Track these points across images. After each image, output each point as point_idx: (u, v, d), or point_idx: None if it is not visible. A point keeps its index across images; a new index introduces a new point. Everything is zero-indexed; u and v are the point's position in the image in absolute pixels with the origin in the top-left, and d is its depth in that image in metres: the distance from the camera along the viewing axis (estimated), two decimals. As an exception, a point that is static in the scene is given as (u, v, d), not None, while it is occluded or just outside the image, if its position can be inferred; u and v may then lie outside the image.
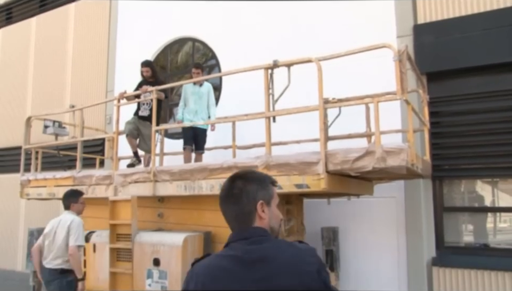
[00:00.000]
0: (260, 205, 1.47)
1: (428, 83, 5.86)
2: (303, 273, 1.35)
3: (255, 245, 1.40)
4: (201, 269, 1.42)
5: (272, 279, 1.33)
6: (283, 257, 1.37)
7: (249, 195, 1.47)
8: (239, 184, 1.48)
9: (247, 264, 1.36)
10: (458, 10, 5.85)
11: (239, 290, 1.32)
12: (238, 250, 1.40)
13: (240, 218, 1.47)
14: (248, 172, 1.55)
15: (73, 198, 4.90)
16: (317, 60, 4.29)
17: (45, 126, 7.70)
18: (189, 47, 8.44)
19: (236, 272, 1.35)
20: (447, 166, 5.91)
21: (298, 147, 5.62)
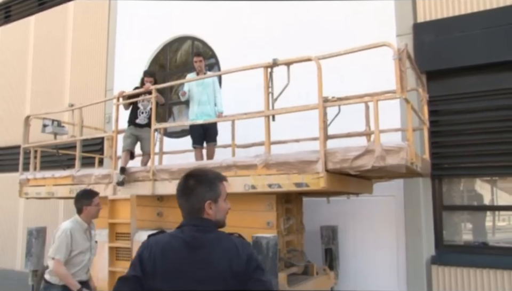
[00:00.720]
0: (207, 204, 1.77)
1: (428, 82, 5.85)
2: (233, 261, 1.66)
3: (201, 233, 1.71)
4: (157, 244, 1.70)
5: (209, 263, 1.65)
6: (221, 247, 1.69)
7: (199, 196, 1.76)
8: (191, 184, 1.77)
9: (192, 247, 1.67)
10: (458, 9, 5.85)
11: (183, 268, 1.64)
12: (187, 234, 1.71)
13: (191, 211, 1.76)
14: (200, 172, 1.83)
15: (86, 200, 4.09)
16: (316, 59, 4.29)
17: (44, 125, 7.68)
18: (188, 45, 8.43)
19: (182, 252, 1.67)
20: (447, 164, 5.90)
21: (298, 146, 5.61)
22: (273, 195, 4.69)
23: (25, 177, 6.93)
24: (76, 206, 4.09)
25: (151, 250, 1.68)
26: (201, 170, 1.86)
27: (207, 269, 1.64)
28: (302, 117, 4.79)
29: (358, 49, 4.21)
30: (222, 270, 1.65)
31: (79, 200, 4.09)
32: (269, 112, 4.56)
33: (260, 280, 1.69)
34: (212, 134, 6.08)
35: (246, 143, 6.08)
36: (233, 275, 1.65)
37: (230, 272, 1.65)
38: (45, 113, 7.86)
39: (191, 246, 1.67)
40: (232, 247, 1.71)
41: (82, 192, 4.24)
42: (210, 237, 1.71)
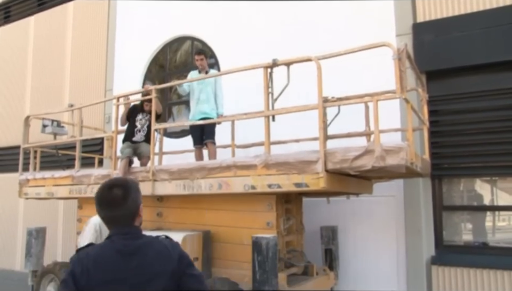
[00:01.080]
0: (141, 207, 1.84)
1: (427, 81, 5.85)
2: (166, 261, 1.75)
3: (132, 240, 1.75)
4: (87, 256, 1.71)
5: (145, 267, 1.71)
6: (153, 250, 1.75)
7: (134, 202, 1.80)
8: (120, 193, 1.78)
9: (125, 255, 1.71)
10: (458, 9, 5.84)
11: (119, 275, 1.67)
12: (118, 243, 1.73)
13: (123, 220, 1.78)
14: (121, 181, 1.85)
15: None
16: (316, 59, 4.28)
17: (44, 125, 7.68)
18: (188, 45, 8.42)
19: (115, 260, 1.69)
20: (446, 164, 5.90)
21: (298, 146, 5.61)
22: (273, 195, 4.69)
23: (25, 178, 6.93)
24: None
25: (82, 264, 1.68)
26: (119, 179, 1.90)
27: (143, 273, 1.70)
28: (302, 117, 4.79)
29: (357, 49, 4.21)
30: (157, 272, 1.72)
31: None
32: (268, 112, 4.55)
33: (193, 275, 1.81)
34: (207, 132, 5.93)
35: (246, 143, 6.07)
36: (169, 275, 1.74)
37: (166, 272, 1.73)
38: (44, 113, 7.86)
39: (124, 253, 1.71)
40: (164, 248, 1.79)
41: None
42: (141, 243, 1.76)
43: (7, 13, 11.82)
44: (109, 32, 9.28)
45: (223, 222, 5.04)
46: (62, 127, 7.90)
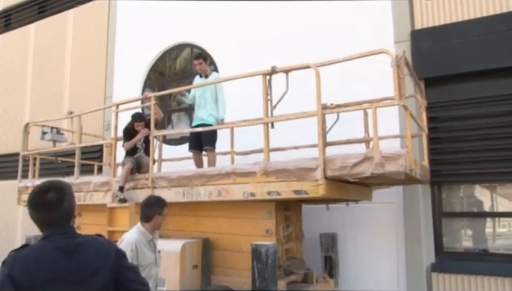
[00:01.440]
0: (76, 209, 1.93)
1: (426, 88, 5.87)
2: (105, 257, 1.87)
3: (72, 239, 1.84)
4: (27, 257, 1.74)
5: (87, 263, 1.81)
6: (93, 247, 1.87)
7: (69, 202, 1.87)
8: (55, 196, 1.83)
9: (67, 253, 1.78)
10: (455, 16, 5.88)
11: (62, 273, 1.74)
12: (58, 242, 1.79)
13: (61, 220, 1.84)
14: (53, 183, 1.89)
15: (158, 208, 3.58)
16: (315, 66, 4.30)
17: (43, 132, 7.70)
18: (187, 53, 8.45)
19: (57, 259, 1.76)
20: (446, 171, 5.90)
21: (297, 153, 5.61)
22: (272, 202, 4.68)
23: (24, 185, 6.91)
24: (146, 213, 3.55)
25: (22, 265, 1.71)
26: (53, 182, 1.91)
27: (85, 269, 1.80)
28: (301, 124, 4.79)
29: (356, 56, 4.23)
30: (98, 267, 1.84)
31: (151, 207, 3.57)
32: (267, 119, 4.56)
33: (129, 267, 1.99)
34: (204, 138, 5.80)
35: (245, 150, 6.07)
36: (109, 270, 1.86)
37: (106, 267, 1.86)
38: (44, 120, 7.87)
39: (66, 252, 1.78)
40: (102, 246, 1.91)
41: (155, 199, 3.69)
42: (81, 241, 1.86)
43: (8, 20, 11.87)
44: (109, 40, 9.31)
45: (223, 229, 5.03)
46: (61, 134, 7.91)
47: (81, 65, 9.72)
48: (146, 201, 3.66)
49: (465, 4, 5.82)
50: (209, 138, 5.78)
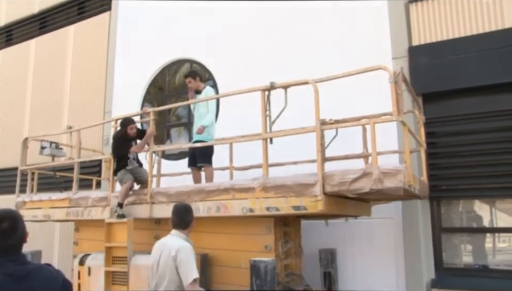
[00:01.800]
0: (26, 236, 2.03)
1: (424, 104, 5.92)
2: (53, 284, 2.02)
3: (23, 265, 1.96)
4: None
5: (35, 289, 1.93)
6: (42, 275, 2.00)
7: (22, 230, 2.00)
8: (8, 225, 1.94)
9: (16, 279, 1.89)
10: (452, 33, 5.95)
11: None
12: (8, 268, 1.89)
13: (13, 247, 1.96)
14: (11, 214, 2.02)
15: (192, 214, 3.65)
16: (313, 82, 4.33)
17: (42, 147, 7.70)
18: (186, 68, 8.51)
19: (8, 284, 1.86)
20: (444, 186, 5.90)
21: (296, 168, 5.60)
22: (271, 218, 4.67)
23: (22, 200, 6.89)
24: (185, 220, 3.57)
25: None
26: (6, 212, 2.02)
27: None
28: (299, 139, 4.79)
29: (354, 73, 4.26)
30: None
31: (188, 214, 3.62)
32: (266, 135, 4.57)
33: None
34: (198, 155, 5.79)
35: (244, 165, 6.07)
36: None
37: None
38: (43, 135, 7.88)
39: (15, 277, 1.89)
40: (50, 274, 2.04)
41: (189, 206, 3.77)
42: (31, 268, 1.98)
43: (9, 36, 11.96)
44: (109, 55, 9.38)
45: (221, 245, 5.00)
46: (60, 148, 7.91)
47: (81, 80, 9.77)
48: (183, 208, 3.68)
49: (461, 21, 5.90)
50: (203, 154, 5.75)
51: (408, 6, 6.30)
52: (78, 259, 5.65)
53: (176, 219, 3.59)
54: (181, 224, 3.57)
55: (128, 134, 5.77)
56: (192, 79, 6.02)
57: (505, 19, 5.60)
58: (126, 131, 5.78)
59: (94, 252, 5.64)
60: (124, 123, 5.83)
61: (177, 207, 3.71)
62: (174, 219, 3.60)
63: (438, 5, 6.12)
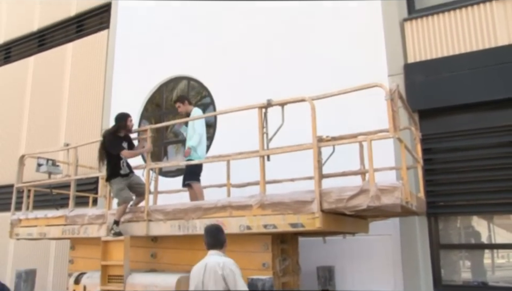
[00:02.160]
0: None
1: (420, 120, 5.95)
2: None
3: None
4: None
5: None
6: None
7: None
8: None
9: None
10: (446, 50, 6.04)
11: None
12: None
13: None
14: None
15: (224, 234, 3.77)
16: (310, 99, 4.36)
17: (38, 164, 7.68)
18: (184, 84, 8.56)
19: None
20: (442, 202, 5.90)
21: (293, 185, 5.60)
22: (269, 235, 4.64)
23: (17, 218, 6.83)
24: (219, 240, 3.71)
25: None
26: None
27: None
28: (297, 156, 4.80)
29: (350, 90, 4.29)
30: None
31: (221, 234, 3.75)
32: (263, 152, 4.58)
33: None
34: (185, 173, 5.91)
35: (241, 182, 6.06)
36: None
37: None
38: (40, 152, 7.86)
39: None
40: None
41: (220, 226, 3.89)
42: None
43: (8, 53, 12.03)
44: (107, 72, 9.43)
45: (218, 263, 4.95)
46: (57, 166, 7.89)
47: (79, 97, 9.79)
48: (215, 229, 3.80)
49: (455, 39, 5.99)
50: (189, 172, 5.87)
51: (403, 24, 6.40)
52: (74, 277, 5.57)
53: (211, 241, 3.73)
54: (217, 244, 3.71)
55: (128, 126, 5.65)
56: (181, 103, 6.15)
57: (498, 37, 5.70)
58: (120, 127, 5.62)
59: (90, 270, 5.57)
60: (120, 118, 5.65)
61: (209, 228, 3.83)
62: (209, 240, 3.74)
63: (432, 23, 6.21)
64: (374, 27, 6.48)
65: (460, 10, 6.04)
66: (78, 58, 10.14)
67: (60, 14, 10.85)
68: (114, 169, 5.62)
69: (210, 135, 7.61)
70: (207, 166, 6.12)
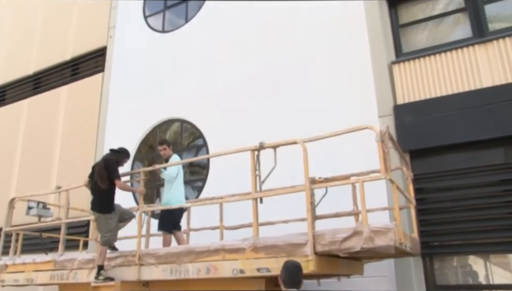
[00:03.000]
0: None
1: (411, 160, 6.02)
2: None
3: None
4: None
5: None
6: None
7: None
8: None
9: None
10: (434, 92, 6.20)
11: None
12: None
13: None
14: None
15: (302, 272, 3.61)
16: (302, 142, 4.42)
17: (29, 207, 7.57)
18: (177, 126, 8.63)
19: None
20: (437, 242, 5.87)
21: (287, 226, 5.56)
22: (262, 279, 4.56)
23: (4, 263, 6.66)
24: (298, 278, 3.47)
25: None
26: None
27: None
28: (289, 197, 4.80)
29: (341, 132, 4.37)
30: None
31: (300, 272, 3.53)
32: (256, 194, 4.58)
33: None
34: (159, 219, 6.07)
35: (234, 224, 6.01)
36: None
37: None
38: (30, 195, 7.77)
39: None
40: None
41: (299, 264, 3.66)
42: None
43: (3, 96, 12.12)
44: (101, 114, 9.50)
45: (211, 309, 4.84)
46: (47, 208, 7.78)
47: (72, 139, 9.81)
48: (294, 267, 3.54)
49: (442, 81, 6.17)
50: (162, 221, 6.02)
51: (392, 67, 6.59)
52: (61, 326, 5.39)
53: (288, 278, 3.47)
54: (296, 282, 3.47)
55: (124, 162, 5.86)
56: (167, 146, 6.28)
57: (482, 79, 5.88)
58: (120, 159, 5.82)
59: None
60: (125, 151, 5.94)
61: (288, 265, 3.58)
62: (287, 278, 3.48)
63: (419, 65, 6.41)
64: (364, 70, 6.65)
65: (445, 54, 6.26)
66: (72, 101, 10.23)
67: (56, 57, 11.05)
68: (110, 202, 5.55)
69: (203, 177, 7.62)
70: (200, 208, 6.09)
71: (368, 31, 6.79)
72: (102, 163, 5.65)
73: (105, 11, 10.41)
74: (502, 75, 5.80)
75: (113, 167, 5.60)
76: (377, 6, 6.86)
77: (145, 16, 9.76)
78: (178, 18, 9.32)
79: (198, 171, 8.07)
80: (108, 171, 5.52)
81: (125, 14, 10.09)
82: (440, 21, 6.74)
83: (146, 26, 9.65)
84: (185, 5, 9.28)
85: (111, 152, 5.87)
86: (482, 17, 6.35)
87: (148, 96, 8.86)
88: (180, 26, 9.09)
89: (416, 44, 6.81)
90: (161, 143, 6.36)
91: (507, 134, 5.52)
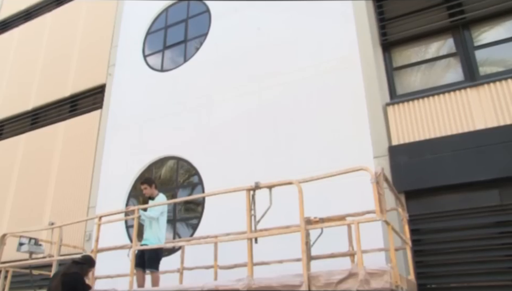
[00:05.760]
0: None
1: (407, 201, 6.03)
2: None
3: None
4: None
5: None
6: None
7: None
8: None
9: None
10: (428, 133, 6.28)
11: None
12: None
13: None
14: None
15: None
16: (297, 182, 4.44)
17: (20, 244, 7.44)
18: (172, 162, 8.64)
19: None
20: (434, 284, 5.78)
21: (281, 267, 5.49)
22: (257, 321, 4.46)
23: (-8, 302, 6.49)
24: None
25: None
26: None
27: None
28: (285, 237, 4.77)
29: (336, 173, 4.41)
30: None
31: None
32: (251, 234, 4.56)
33: None
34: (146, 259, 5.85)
35: (229, 264, 5.92)
36: None
37: None
38: (22, 231, 7.67)
39: None
40: None
41: None
42: None
43: (0, 130, 12.15)
44: (97, 151, 9.51)
45: None
46: (39, 245, 7.65)
47: (68, 175, 9.76)
48: None
49: (436, 123, 6.27)
50: (152, 258, 5.85)
51: (386, 108, 6.71)
52: None
53: None
54: None
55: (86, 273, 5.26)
56: (148, 185, 6.25)
57: (475, 121, 5.99)
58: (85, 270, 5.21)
59: None
60: (87, 262, 5.27)
61: None
62: None
63: (413, 107, 6.53)
64: (359, 111, 6.76)
65: (438, 96, 6.39)
66: (69, 137, 10.26)
67: (55, 94, 11.17)
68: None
69: (198, 214, 7.57)
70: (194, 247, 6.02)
71: (363, 73, 6.95)
72: (60, 278, 4.99)
73: (106, 50, 10.63)
74: (494, 118, 5.91)
75: (72, 285, 4.93)
76: (371, 49, 7.07)
77: (145, 56, 9.99)
78: (178, 56, 9.54)
79: (193, 208, 8.02)
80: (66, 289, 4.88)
81: (125, 53, 10.31)
82: (433, 64, 6.94)
83: (145, 65, 9.85)
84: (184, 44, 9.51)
85: (73, 263, 5.17)
86: (473, 61, 6.54)
87: (145, 133, 8.92)
88: (178, 65, 9.29)
89: (410, 86, 6.97)
90: (142, 182, 6.37)
91: (501, 175, 5.57)
